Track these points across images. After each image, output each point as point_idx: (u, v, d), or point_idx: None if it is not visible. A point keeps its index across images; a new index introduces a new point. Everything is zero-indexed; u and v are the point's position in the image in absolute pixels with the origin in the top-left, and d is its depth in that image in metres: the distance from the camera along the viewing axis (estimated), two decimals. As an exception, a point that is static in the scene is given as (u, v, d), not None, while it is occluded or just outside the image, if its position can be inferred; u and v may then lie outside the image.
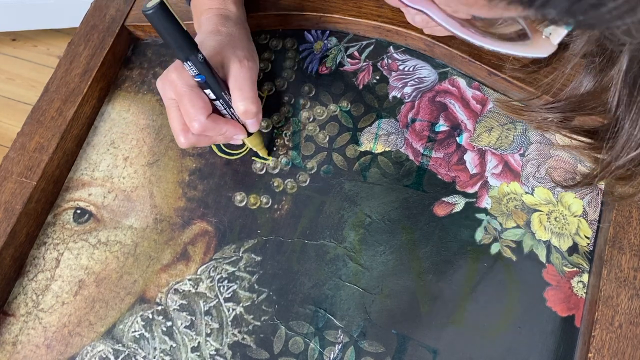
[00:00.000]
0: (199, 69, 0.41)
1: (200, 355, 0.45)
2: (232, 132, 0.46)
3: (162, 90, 0.45)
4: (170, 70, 0.44)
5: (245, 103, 0.44)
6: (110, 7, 0.58)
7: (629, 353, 0.39)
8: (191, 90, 0.43)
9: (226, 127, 0.45)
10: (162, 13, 0.37)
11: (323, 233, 0.47)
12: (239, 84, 0.44)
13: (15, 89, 1.53)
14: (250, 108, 0.44)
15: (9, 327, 0.48)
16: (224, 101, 0.45)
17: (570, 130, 0.37)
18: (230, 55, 0.45)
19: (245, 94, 0.44)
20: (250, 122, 0.46)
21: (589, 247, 0.44)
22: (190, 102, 0.43)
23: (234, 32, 0.47)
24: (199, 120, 0.43)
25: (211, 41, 0.45)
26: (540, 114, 0.37)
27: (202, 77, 0.42)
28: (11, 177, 0.50)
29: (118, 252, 0.49)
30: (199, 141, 0.46)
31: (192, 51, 0.40)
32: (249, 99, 0.44)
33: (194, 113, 0.43)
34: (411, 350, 0.43)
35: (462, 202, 0.47)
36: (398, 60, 0.53)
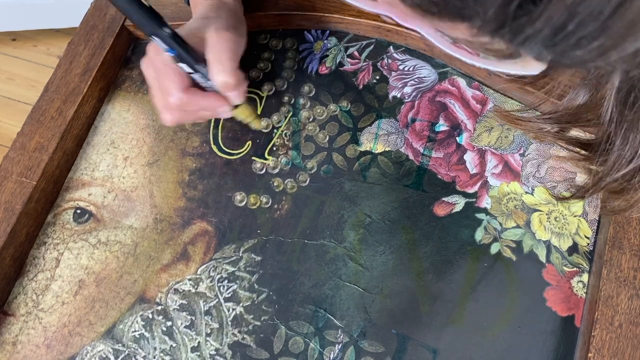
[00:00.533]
0: (167, 43, 0.41)
1: (200, 355, 0.45)
2: (213, 105, 0.44)
3: (145, 70, 0.44)
4: (147, 49, 0.44)
5: (221, 74, 0.42)
6: (110, 7, 0.58)
7: (629, 353, 0.39)
8: (166, 65, 0.42)
9: (205, 100, 0.43)
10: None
11: (323, 233, 0.47)
12: (216, 56, 0.42)
13: (15, 89, 1.53)
14: (228, 79, 0.42)
15: (9, 327, 0.48)
16: (202, 74, 0.43)
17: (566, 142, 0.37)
18: (210, 31, 0.43)
19: (222, 66, 0.42)
20: (233, 95, 0.44)
21: (589, 247, 0.44)
22: (165, 76, 0.42)
23: (220, 14, 0.46)
24: (174, 95, 0.42)
25: (195, 23, 0.44)
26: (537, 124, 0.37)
27: (173, 51, 0.41)
28: (11, 177, 0.50)
29: (118, 252, 0.49)
30: (183, 117, 0.44)
31: (157, 26, 0.40)
32: (225, 70, 0.42)
33: (170, 87, 0.42)
34: (411, 350, 0.43)
35: (462, 202, 0.47)
36: (398, 60, 0.53)
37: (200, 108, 0.44)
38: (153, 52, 0.43)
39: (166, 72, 0.42)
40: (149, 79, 0.44)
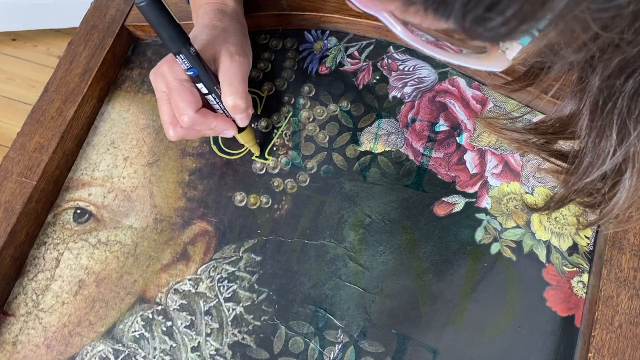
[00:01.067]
0: (191, 62, 0.41)
1: (200, 355, 0.45)
2: (221, 127, 0.46)
3: (154, 83, 0.45)
4: (162, 63, 0.44)
5: (233, 97, 0.44)
6: (110, 7, 0.58)
7: (629, 353, 0.39)
8: (181, 84, 0.43)
9: (215, 122, 0.45)
10: (155, 5, 0.37)
11: (323, 233, 0.47)
12: (229, 78, 0.44)
13: (15, 89, 1.53)
14: (239, 103, 0.44)
15: (9, 327, 0.48)
16: (216, 95, 0.45)
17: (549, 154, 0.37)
18: (222, 50, 0.44)
19: (235, 89, 0.44)
20: (239, 117, 0.46)
21: (589, 247, 0.44)
22: (180, 96, 0.43)
23: (228, 27, 0.47)
24: (188, 114, 0.43)
25: (204, 35, 0.45)
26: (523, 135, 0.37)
27: (194, 70, 0.42)
28: (11, 177, 0.50)
29: (118, 252, 0.49)
30: (187, 134, 0.46)
31: (184, 44, 0.40)
32: (237, 93, 0.44)
33: (184, 107, 0.43)
34: (411, 350, 0.43)
35: (462, 202, 0.47)
36: (398, 60, 0.53)
37: (209, 128, 0.45)
38: (167, 67, 0.43)
39: (180, 90, 0.43)
40: (159, 93, 0.45)
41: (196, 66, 0.42)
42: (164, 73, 0.44)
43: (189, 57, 0.41)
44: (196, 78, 0.43)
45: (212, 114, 0.45)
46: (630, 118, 0.27)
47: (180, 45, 0.40)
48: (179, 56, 0.41)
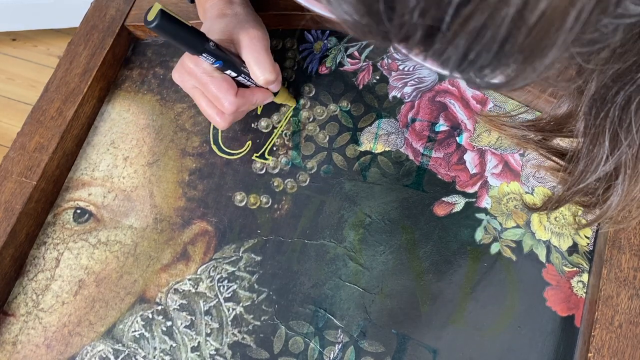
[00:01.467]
0: (215, 56, 0.42)
1: (200, 355, 0.45)
2: (261, 99, 0.48)
3: (182, 81, 0.46)
4: (185, 60, 0.45)
5: (263, 72, 0.45)
6: (110, 7, 0.58)
7: (629, 353, 0.39)
8: (211, 76, 0.44)
9: (254, 96, 0.47)
10: (166, 21, 0.37)
11: (323, 233, 0.47)
12: (254, 57, 0.45)
13: (15, 89, 1.53)
14: (269, 77, 0.45)
15: (9, 327, 0.48)
16: (245, 74, 0.46)
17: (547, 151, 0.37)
18: (240, 32, 0.46)
19: (262, 65, 0.45)
20: (273, 86, 0.48)
21: (589, 247, 0.44)
22: (216, 87, 0.44)
23: (238, 12, 0.48)
24: (229, 100, 0.45)
25: (217, 25, 0.46)
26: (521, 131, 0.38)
27: (219, 62, 0.43)
28: (11, 177, 0.50)
29: (118, 252, 0.49)
30: (236, 117, 0.48)
31: (204, 44, 0.41)
32: (265, 68, 0.45)
33: (223, 95, 0.45)
34: (411, 350, 0.43)
35: (462, 202, 0.47)
36: (398, 60, 0.53)
37: (252, 105, 0.48)
38: (192, 64, 0.44)
39: (214, 82, 0.44)
40: (191, 90, 0.46)
41: (220, 58, 0.43)
42: (190, 70, 0.45)
43: (211, 52, 0.42)
44: (223, 67, 0.44)
45: (249, 91, 0.47)
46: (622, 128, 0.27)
47: (201, 47, 0.41)
48: (202, 56, 0.42)
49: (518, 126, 0.38)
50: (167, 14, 0.37)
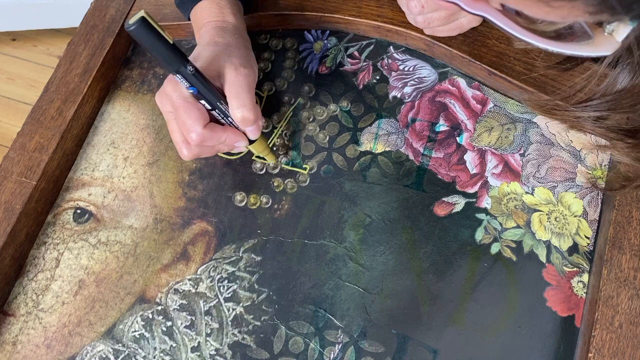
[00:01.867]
0: (190, 81, 0.41)
1: (200, 355, 0.45)
2: (232, 140, 0.45)
3: (160, 104, 0.45)
4: (165, 84, 0.44)
5: (242, 110, 0.43)
6: (110, 7, 0.58)
7: (629, 353, 0.39)
8: (185, 102, 0.42)
9: (225, 134, 0.44)
10: (145, 28, 0.36)
11: (323, 233, 0.47)
12: (235, 91, 0.43)
13: (15, 89, 1.53)
14: (248, 115, 0.43)
15: (9, 327, 0.48)
16: (220, 111, 0.44)
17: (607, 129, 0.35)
18: (225, 64, 0.44)
19: (242, 102, 0.43)
20: (250, 130, 0.45)
21: (589, 247, 0.44)
22: (186, 113, 0.42)
23: (230, 42, 0.47)
24: (196, 130, 0.43)
25: (207, 52, 0.45)
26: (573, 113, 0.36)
27: (193, 88, 0.41)
28: (11, 177, 0.50)
29: (118, 252, 0.49)
30: (201, 152, 0.45)
31: (181, 63, 0.40)
32: (245, 106, 0.43)
33: (191, 124, 0.42)
34: (411, 350, 0.43)
35: (462, 202, 0.47)
36: (398, 60, 0.53)
37: (219, 143, 0.45)
38: (170, 87, 0.43)
39: (186, 108, 0.42)
40: (166, 114, 0.45)
41: (196, 84, 0.41)
42: (168, 93, 0.43)
43: (187, 75, 0.40)
44: (198, 95, 0.42)
45: (221, 128, 0.44)
46: None
47: (177, 65, 0.40)
48: (177, 75, 0.40)
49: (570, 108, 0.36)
50: (147, 22, 0.36)
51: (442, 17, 0.46)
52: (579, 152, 0.47)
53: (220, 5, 0.49)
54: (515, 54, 0.48)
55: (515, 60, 0.48)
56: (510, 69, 0.48)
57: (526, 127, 0.48)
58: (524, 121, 0.48)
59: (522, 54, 0.48)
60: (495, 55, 0.48)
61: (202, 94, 0.42)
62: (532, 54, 0.48)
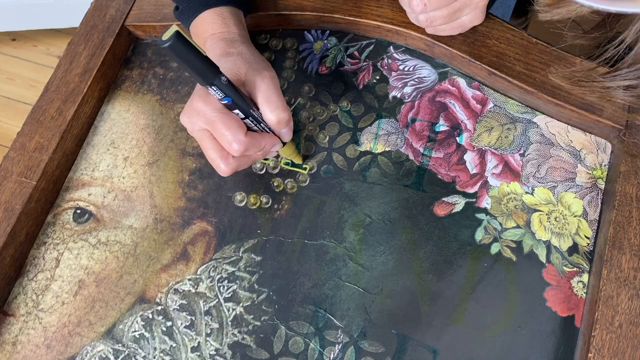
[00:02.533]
0: (225, 91, 0.40)
1: (200, 355, 0.45)
2: (270, 144, 0.45)
3: (190, 123, 0.43)
4: (193, 101, 0.42)
5: (276, 113, 0.43)
6: (110, 7, 0.58)
7: (629, 353, 0.39)
8: (222, 113, 0.41)
9: (264, 140, 0.44)
10: (180, 44, 0.36)
11: (323, 233, 0.47)
12: (266, 96, 0.43)
13: (15, 89, 1.53)
14: (283, 117, 0.43)
15: (9, 327, 0.48)
16: (254, 118, 0.43)
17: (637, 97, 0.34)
18: (251, 72, 0.44)
19: (275, 104, 0.43)
20: (284, 132, 0.45)
21: (589, 247, 0.44)
22: (225, 125, 0.41)
23: (243, 51, 0.46)
24: (238, 140, 0.42)
25: (225, 64, 0.44)
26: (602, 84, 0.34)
27: (228, 99, 0.41)
28: (11, 177, 0.50)
29: (118, 252, 0.49)
30: (240, 164, 0.44)
31: (215, 75, 0.39)
32: (279, 108, 0.43)
33: (232, 135, 0.42)
34: (411, 350, 0.43)
35: (462, 202, 0.47)
36: (398, 60, 0.53)
37: (259, 149, 0.44)
38: (202, 103, 0.42)
39: (224, 120, 0.41)
40: (198, 133, 0.43)
41: (230, 94, 0.40)
42: (199, 109, 0.42)
43: (222, 86, 0.40)
44: (232, 105, 0.42)
45: (259, 134, 0.44)
46: None
47: (213, 77, 0.39)
48: (211, 88, 0.40)
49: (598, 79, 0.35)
50: (182, 37, 0.36)
51: (444, 16, 0.46)
52: (579, 152, 0.47)
53: (223, 17, 0.48)
54: (515, 54, 0.48)
55: (515, 60, 0.48)
56: (510, 69, 0.48)
57: (526, 127, 0.48)
58: (524, 121, 0.48)
59: (522, 54, 0.48)
60: (495, 55, 0.48)
61: (236, 103, 0.41)
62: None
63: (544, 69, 0.47)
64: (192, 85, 0.55)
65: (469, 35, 0.50)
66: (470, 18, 0.47)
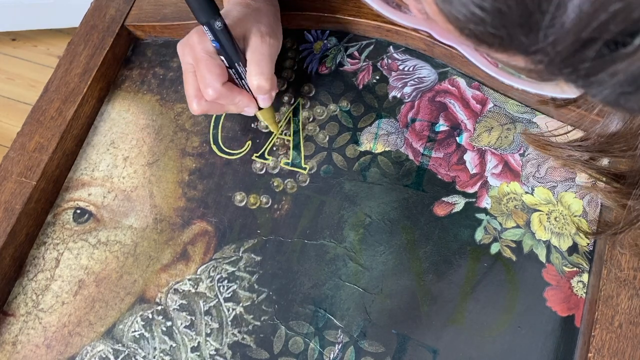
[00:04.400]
0: (216, 35, 0.41)
1: (200, 355, 0.45)
2: (244, 103, 0.46)
3: (182, 54, 0.44)
4: (191, 33, 0.43)
5: (259, 78, 0.43)
6: (110, 7, 0.58)
7: (629, 353, 0.39)
8: (209, 56, 0.42)
9: (240, 97, 0.45)
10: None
11: (323, 233, 0.47)
12: (257, 58, 0.43)
13: (15, 89, 1.53)
14: (263, 84, 0.44)
15: (9, 327, 0.48)
16: (236, 72, 0.44)
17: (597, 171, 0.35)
18: (252, 28, 0.44)
19: (261, 69, 0.43)
20: (262, 98, 0.46)
21: (589, 247, 0.44)
22: (207, 67, 0.42)
23: (261, 7, 0.46)
24: (214, 86, 0.43)
25: (236, 12, 0.45)
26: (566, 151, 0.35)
27: (216, 43, 0.41)
28: (11, 177, 0.50)
29: (118, 252, 0.49)
30: (211, 108, 0.45)
31: (211, 17, 0.40)
32: (264, 74, 0.43)
33: (210, 79, 0.42)
34: (411, 350, 0.43)
35: (462, 202, 0.47)
36: (398, 60, 0.53)
37: (232, 103, 0.45)
38: (196, 38, 0.43)
39: (207, 63, 0.42)
40: (185, 65, 0.44)
41: (221, 40, 0.41)
42: (192, 44, 0.43)
43: (215, 30, 0.40)
44: (220, 50, 0.42)
45: (237, 89, 0.45)
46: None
47: (208, 17, 0.39)
48: (205, 26, 0.40)
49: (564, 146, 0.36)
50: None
51: None
52: (578, 152, 0.47)
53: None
54: (515, 54, 0.48)
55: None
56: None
57: (526, 127, 0.48)
58: (524, 121, 0.48)
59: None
60: (495, 55, 0.48)
61: (224, 51, 0.42)
62: None
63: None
64: (192, 85, 0.55)
65: (468, 35, 0.50)
66: None
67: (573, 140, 0.36)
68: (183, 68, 0.45)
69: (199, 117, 0.54)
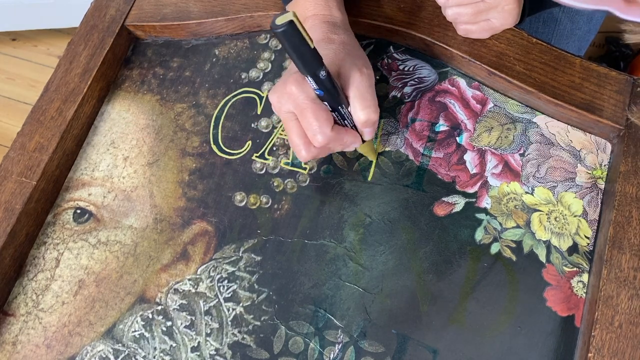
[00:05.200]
0: (321, 84, 0.40)
1: (200, 355, 0.45)
2: (351, 141, 0.45)
3: (279, 104, 0.44)
4: (288, 83, 0.42)
5: (367, 112, 0.43)
6: (110, 7, 0.58)
7: (629, 353, 0.39)
8: (314, 103, 0.42)
9: (347, 136, 0.44)
10: (292, 31, 0.36)
11: (323, 233, 0.47)
12: (360, 92, 0.43)
13: (15, 89, 1.53)
14: (372, 117, 0.43)
15: (9, 327, 0.48)
16: (339, 114, 0.44)
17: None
18: (349, 65, 0.43)
19: (367, 103, 0.43)
20: (368, 131, 0.45)
21: (589, 247, 0.44)
22: (314, 115, 0.42)
23: (346, 40, 0.46)
24: (324, 133, 0.42)
25: (325, 50, 0.44)
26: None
27: (320, 91, 0.41)
28: (11, 177, 0.50)
29: (118, 252, 0.49)
30: (320, 153, 0.45)
31: (317, 68, 0.39)
32: (370, 107, 0.43)
33: (319, 126, 0.42)
34: (411, 350, 0.43)
35: (462, 202, 0.47)
36: (398, 60, 0.53)
37: (341, 144, 0.45)
38: (296, 88, 0.42)
39: (314, 110, 0.42)
40: (285, 114, 0.44)
41: (325, 88, 0.41)
42: (292, 93, 0.42)
43: (320, 79, 0.40)
44: (323, 97, 0.42)
45: (344, 130, 0.44)
46: None
47: (314, 69, 0.39)
48: (308, 77, 0.40)
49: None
50: (296, 26, 0.36)
51: (469, 14, 0.45)
52: (579, 152, 0.47)
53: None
54: (515, 54, 0.48)
55: (515, 60, 0.48)
56: (510, 69, 0.48)
57: (526, 127, 0.48)
58: (524, 121, 0.48)
59: (522, 54, 0.48)
60: (495, 55, 0.48)
61: (326, 97, 0.42)
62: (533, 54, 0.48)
63: (544, 69, 0.47)
64: (192, 86, 0.55)
65: (469, 35, 0.50)
66: (500, 22, 0.46)
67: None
68: (282, 117, 0.44)
69: (199, 117, 0.54)
